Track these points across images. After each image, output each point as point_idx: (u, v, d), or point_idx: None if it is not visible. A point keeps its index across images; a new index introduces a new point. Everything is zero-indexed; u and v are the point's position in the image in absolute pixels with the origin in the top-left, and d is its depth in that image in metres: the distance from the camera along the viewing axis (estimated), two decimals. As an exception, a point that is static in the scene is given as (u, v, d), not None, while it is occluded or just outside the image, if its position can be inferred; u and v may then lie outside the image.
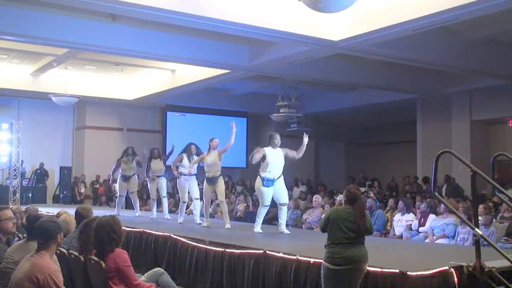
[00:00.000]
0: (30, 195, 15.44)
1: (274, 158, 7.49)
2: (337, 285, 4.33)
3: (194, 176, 9.20)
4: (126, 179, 10.58)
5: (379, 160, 20.58)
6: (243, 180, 16.92)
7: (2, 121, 14.94)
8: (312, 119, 18.67)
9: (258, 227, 7.72)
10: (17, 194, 14.53)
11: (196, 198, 9.25)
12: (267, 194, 7.56)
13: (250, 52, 11.92)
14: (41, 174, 16.41)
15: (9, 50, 12.80)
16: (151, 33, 10.69)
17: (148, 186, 10.50)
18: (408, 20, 8.38)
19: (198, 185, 9.49)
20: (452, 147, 14.04)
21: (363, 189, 13.75)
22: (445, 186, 13.82)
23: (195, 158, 8.97)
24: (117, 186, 11.37)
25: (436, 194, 5.10)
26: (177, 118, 18.74)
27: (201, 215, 9.11)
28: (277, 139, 7.57)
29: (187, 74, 14.35)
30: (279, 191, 7.63)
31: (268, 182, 7.50)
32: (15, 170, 14.70)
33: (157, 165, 10.25)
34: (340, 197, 5.15)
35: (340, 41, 9.54)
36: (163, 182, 10.41)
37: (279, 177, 7.59)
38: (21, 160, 15.10)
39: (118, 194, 11.04)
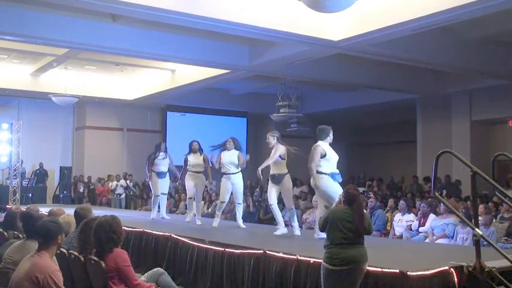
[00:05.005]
0: (30, 195, 15.42)
1: (332, 153, 6.55)
2: (337, 285, 4.33)
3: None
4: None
5: (379, 160, 20.56)
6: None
7: (2, 121, 14.93)
8: (312, 119, 18.62)
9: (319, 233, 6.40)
10: (17, 194, 14.52)
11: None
12: (337, 189, 6.36)
13: (250, 52, 11.92)
14: (41, 174, 16.42)
15: (9, 50, 12.79)
16: (151, 33, 10.69)
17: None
18: (408, 20, 8.37)
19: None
20: (452, 147, 14.02)
21: (362, 189, 13.75)
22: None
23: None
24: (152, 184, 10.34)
25: (436, 194, 5.10)
26: (177, 118, 18.73)
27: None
28: (331, 134, 6.61)
29: (187, 74, 14.34)
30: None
31: (338, 176, 6.50)
32: (15, 170, 14.69)
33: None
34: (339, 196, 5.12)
35: (340, 41, 9.54)
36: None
37: None
38: (21, 160, 15.09)
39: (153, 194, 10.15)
